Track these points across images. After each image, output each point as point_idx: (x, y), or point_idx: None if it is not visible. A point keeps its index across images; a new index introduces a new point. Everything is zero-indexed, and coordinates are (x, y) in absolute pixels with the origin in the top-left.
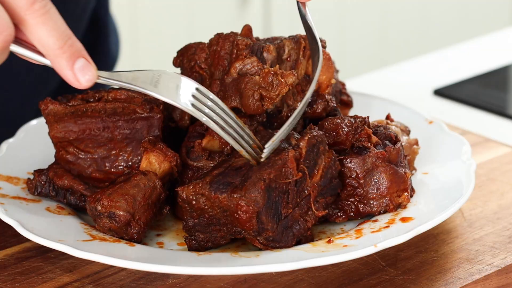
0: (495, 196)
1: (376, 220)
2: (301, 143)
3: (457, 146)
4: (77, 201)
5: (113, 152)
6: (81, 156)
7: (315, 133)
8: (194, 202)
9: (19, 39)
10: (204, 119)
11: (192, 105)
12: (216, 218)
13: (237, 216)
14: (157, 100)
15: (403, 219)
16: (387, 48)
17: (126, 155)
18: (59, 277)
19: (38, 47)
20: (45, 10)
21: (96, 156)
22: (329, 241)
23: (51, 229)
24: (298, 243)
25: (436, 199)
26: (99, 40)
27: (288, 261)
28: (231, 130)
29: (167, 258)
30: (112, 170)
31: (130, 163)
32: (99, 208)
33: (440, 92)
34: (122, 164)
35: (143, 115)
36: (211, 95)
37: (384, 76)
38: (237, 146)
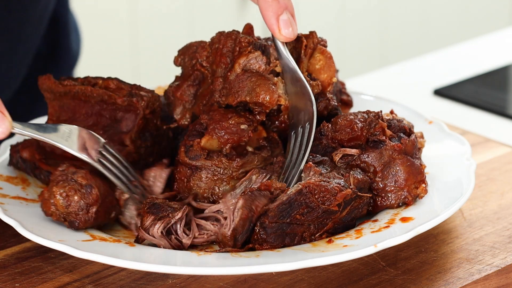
0: (495, 196)
1: (376, 220)
2: (352, 184)
3: (457, 146)
4: (39, 175)
5: None
6: None
7: (365, 178)
8: None
9: None
10: (106, 173)
11: (98, 160)
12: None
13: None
14: (140, 96)
15: (403, 219)
16: (387, 48)
17: None
18: (59, 277)
19: None
20: None
21: None
22: (329, 241)
23: (51, 229)
24: (295, 244)
25: (436, 199)
26: (59, 39)
27: (288, 261)
28: (125, 180)
29: (167, 258)
30: None
31: None
32: (79, 178)
33: (440, 92)
34: None
35: (124, 107)
36: (114, 152)
37: (384, 76)
38: (129, 193)
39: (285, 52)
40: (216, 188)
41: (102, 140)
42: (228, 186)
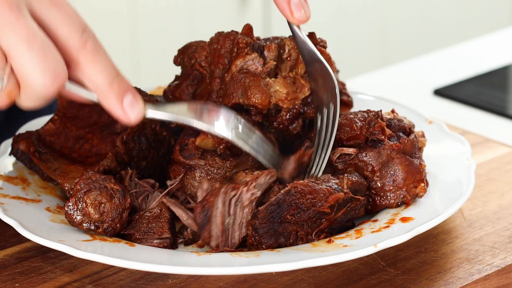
0: (495, 196)
1: (376, 220)
2: (345, 187)
3: (457, 146)
4: (34, 167)
5: (89, 135)
6: (64, 130)
7: (360, 181)
8: None
9: (68, 74)
10: (247, 148)
11: (236, 136)
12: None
13: None
14: None
15: (403, 219)
16: (387, 48)
17: (94, 141)
18: (59, 277)
19: (88, 84)
20: (96, 50)
21: (76, 134)
22: (329, 241)
23: (51, 229)
24: (292, 244)
25: (436, 199)
26: None
27: (288, 261)
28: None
29: (167, 258)
30: (80, 150)
31: (93, 149)
32: (110, 184)
33: (440, 92)
34: (87, 147)
35: None
36: (247, 124)
37: (384, 76)
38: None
39: (301, 35)
40: (210, 188)
41: (233, 113)
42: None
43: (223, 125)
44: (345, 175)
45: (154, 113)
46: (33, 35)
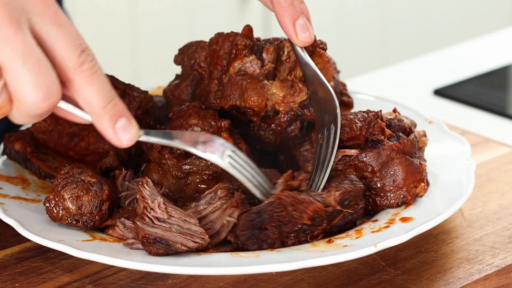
0: (495, 196)
1: (376, 220)
2: (332, 200)
3: (457, 146)
4: (30, 166)
5: (83, 132)
6: (57, 128)
7: (350, 189)
8: None
9: (63, 94)
10: (241, 177)
11: (229, 164)
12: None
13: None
14: (132, 96)
15: (403, 219)
16: (387, 48)
17: (91, 139)
18: (59, 277)
19: (82, 105)
20: (93, 71)
21: (69, 131)
22: (329, 241)
23: (51, 229)
24: (294, 244)
25: (436, 199)
26: None
27: (288, 261)
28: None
29: (167, 258)
30: (75, 147)
31: (90, 147)
32: (87, 177)
33: (440, 92)
34: (83, 145)
35: None
36: (243, 156)
37: (384, 76)
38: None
39: (305, 56)
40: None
41: (230, 144)
42: (169, 183)
43: (217, 155)
44: (333, 185)
45: (148, 138)
46: (30, 51)
